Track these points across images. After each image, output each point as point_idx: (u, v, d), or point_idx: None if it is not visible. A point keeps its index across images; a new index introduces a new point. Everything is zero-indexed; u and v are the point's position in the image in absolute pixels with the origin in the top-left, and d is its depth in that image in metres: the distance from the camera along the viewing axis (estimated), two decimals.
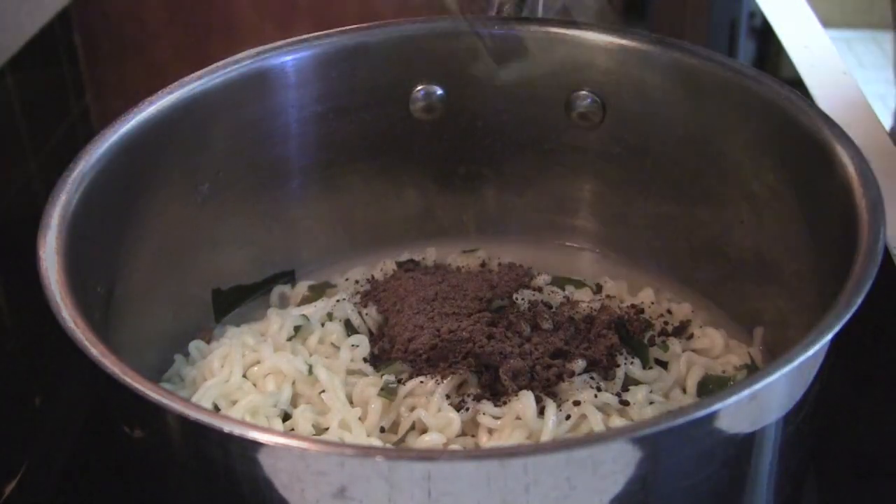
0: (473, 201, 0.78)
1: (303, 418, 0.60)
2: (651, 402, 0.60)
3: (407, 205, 0.78)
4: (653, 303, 0.69)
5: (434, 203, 0.77)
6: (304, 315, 0.67)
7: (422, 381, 0.61)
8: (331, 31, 0.71)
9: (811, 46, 1.01)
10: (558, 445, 0.46)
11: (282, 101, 0.71)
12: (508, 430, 0.58)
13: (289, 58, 0.70)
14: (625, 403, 0.59)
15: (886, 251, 0.54)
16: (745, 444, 0.48)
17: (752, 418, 0.48)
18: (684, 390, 0.63)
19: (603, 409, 0.59)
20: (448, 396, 0.60)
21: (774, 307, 0.66)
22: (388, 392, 0.61)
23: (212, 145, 0.68)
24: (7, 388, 0.73)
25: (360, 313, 0.68)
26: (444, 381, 0.61)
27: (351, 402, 0.61)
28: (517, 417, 0.58)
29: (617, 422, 0.58)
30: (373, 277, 0.72)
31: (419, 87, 0.73)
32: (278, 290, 0.74)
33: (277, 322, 0.67)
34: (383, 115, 0.74)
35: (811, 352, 0.46)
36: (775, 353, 0.65)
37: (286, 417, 0.61)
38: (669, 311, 0.68)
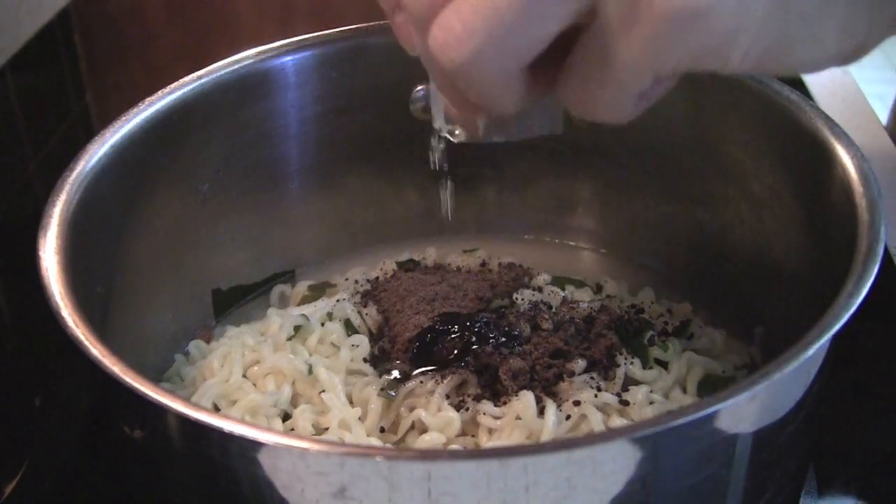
0: (473, 201, 0.78)
1: (303, 418, 0.60)
2: (651, 402, 0.60)
3: (407, 205, 0.78)
4: (653, 303, 0.69)
5: (434, 203, 0.77)
6: (304, 315, 0.67)
7: (422, 381, 0.61)
8: (331, 31, 0.71)
9: None
10: (558, 445, 0.46)
11: (282, 101, 0.71)
12: (508, 430, 0.58)
13: (289, 58, 0.70)
14: (625, 403, 0.59)
15: (886, 251, 0.54)
16: (745, 444, 0.48)
17: (752, 418, 0.48)
18: (684, 390, 0.63)
19: (603, 409, 0.59)
20: (448, 396, 0.60)
21: (774, 307, 0.66)
22: (388, 392, 0.61)
23: (212, 145, 0.68)
24: (7, 388, 0.73)
25: (360, 313, 0.68)
26: (444, 381, 0.61)
27: (351, 402, 0.61)
28: (517, 417, 0.58)
29: (617, 422, 0.58)
30: (374, 278, 0.72)
31: (419, 87, 0.73)
32: (278, 289, 0.74)
33: (277, 322, 0.67)
34: (383, 115, 0.74)
35: (811, 352, 0.46)
36: (775, 353, 0.64)
37: (286, 417, 0.61)
38: (669, 311, 0.69)
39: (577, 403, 0.58)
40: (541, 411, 0.58)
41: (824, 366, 0.51)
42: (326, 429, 0.59)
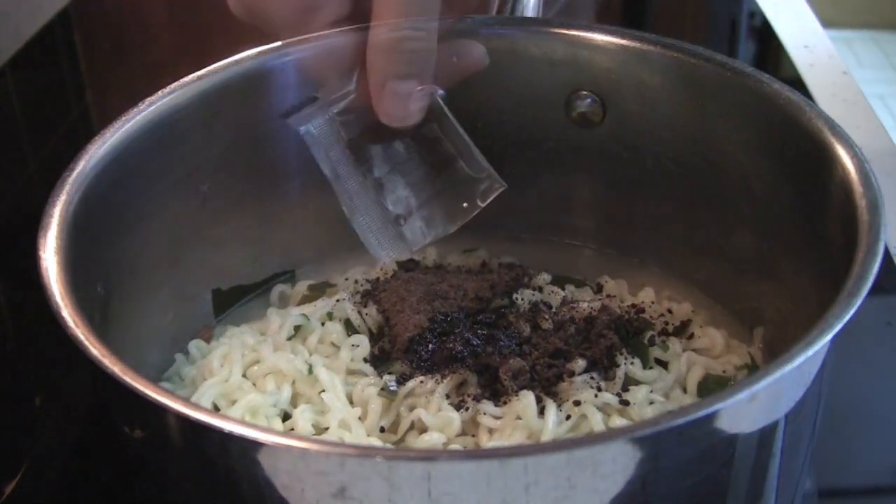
0: None
1: (303, 418, 0.60)
2: (651, 402, 0.60)
3: None
4: (653, 302, 0.69)
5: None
6: (304, 315, 0.67)
7: (422, 381, 0.61)
8: (331, 30, 0.71)
9: (811, 46, 1.01)
10: (558, 445, 0.46)
11: (282, 101, 0.71)
12: (509, 430, 0.58)
13: (289, 58, 0.70)
14: (625, 403, 0.59)
15: (886, 251, 0.54)
16: (745, 444, 0.48)
17: (752, 418, 0.48)
18: (684, 390, 0.63)
19: (603, 409, 0.59)
20: (448, 396, 0.60)
21: (774, 307, 0.66)
22: (388, 392, 0.61)
23: (212, 145, 0.68)
24: (7, 388, 0.73)
25: (360, 313, 0.68)
26: (444, 381, 0.61)
27: (351, 402, 0.61)
28: (517, 417, 0.58)
29: (617, 422, 0.58)
30: (374, 278, 0.72)
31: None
32: (278, 289, 0.74)
33: (277, 322, 0.67)
34: None
35: (811, 352, 0.46)
36: (775, 352, 0.65)
37: (286, 417, 0.61)
38: (669, 311, 0.68)
39: (577, 403, 0.58)
40: (541, 411, 0.58)
41: (824, 366, 0.51)
42: (326, 429, 0.59)
